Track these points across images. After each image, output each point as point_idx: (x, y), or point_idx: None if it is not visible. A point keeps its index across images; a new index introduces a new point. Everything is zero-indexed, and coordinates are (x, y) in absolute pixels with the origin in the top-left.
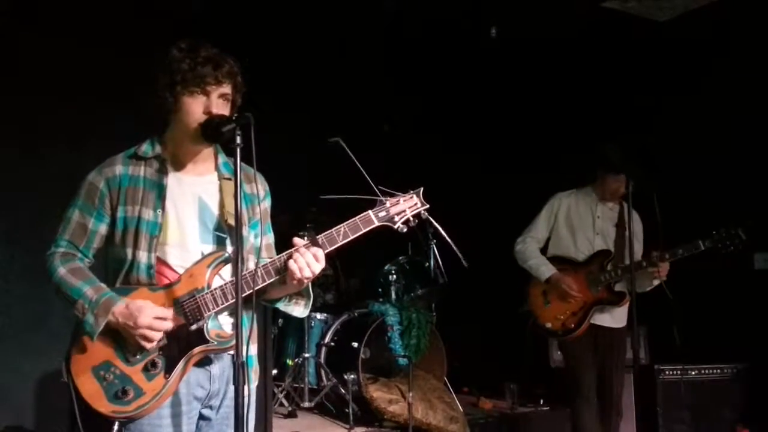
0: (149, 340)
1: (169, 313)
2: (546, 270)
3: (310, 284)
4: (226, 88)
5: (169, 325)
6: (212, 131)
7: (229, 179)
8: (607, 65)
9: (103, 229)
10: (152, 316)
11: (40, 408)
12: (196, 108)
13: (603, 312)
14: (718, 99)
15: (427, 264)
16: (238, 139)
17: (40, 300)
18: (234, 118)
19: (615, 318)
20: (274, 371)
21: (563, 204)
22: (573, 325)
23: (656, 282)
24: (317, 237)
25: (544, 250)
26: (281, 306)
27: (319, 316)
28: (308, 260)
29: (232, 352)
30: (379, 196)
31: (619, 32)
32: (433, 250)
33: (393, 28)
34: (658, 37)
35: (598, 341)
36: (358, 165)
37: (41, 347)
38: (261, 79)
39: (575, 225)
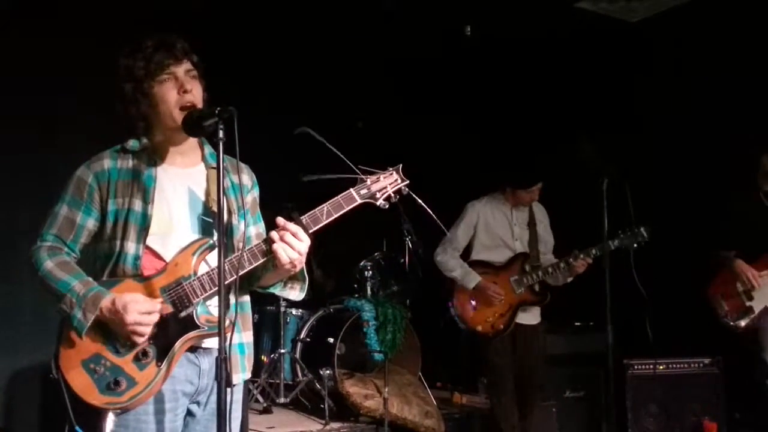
0: (139, 335)
1: (156, 305)
2: (471, 279)
3: (304, 267)
4: (188, 64)
5: (156, 317)
6: (194, 125)
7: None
8: (580, 65)
9: (90, 224)
10: (138, 312)
11: (9, 406)
12: (169, 93)
13: (525, 311)
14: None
15: (403, 260)
16: (221, 133)
17: (9, 298)
18: (216, 111)
19: (533, 315)
20: None
21: (480, 215)
22: (502, 326)
23: (570, 279)
24: (301, 218)
25: (465, 255)
26: (277, 291)
27: (294, 311)
28: (288, 240)
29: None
30: (359, 175)
31: (593, 32)
32: (408, 245)
33: (370, 25)
34: (631, 38)
35: (517, 337)
36: (333, 148)
37: (10, 345)
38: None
39: (494, 233)
